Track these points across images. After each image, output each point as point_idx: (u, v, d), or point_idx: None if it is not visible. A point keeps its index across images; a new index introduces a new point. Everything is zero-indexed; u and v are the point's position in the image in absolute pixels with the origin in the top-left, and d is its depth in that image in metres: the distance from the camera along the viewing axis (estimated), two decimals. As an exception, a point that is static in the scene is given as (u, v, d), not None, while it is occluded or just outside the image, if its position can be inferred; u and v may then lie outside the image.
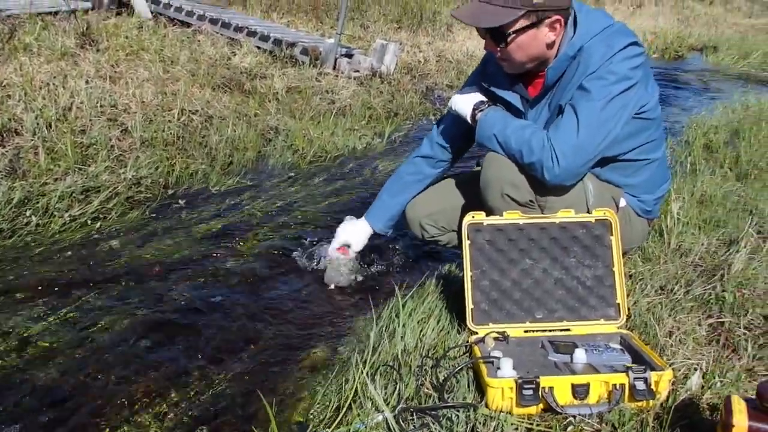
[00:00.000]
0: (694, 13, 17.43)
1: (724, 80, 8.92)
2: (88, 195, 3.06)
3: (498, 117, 2.13)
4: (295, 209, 3.35)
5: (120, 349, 2.04)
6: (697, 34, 12.72)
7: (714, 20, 16.45)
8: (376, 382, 1.79)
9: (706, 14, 17.65)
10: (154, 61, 4.91)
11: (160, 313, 2.28)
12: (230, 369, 1.99)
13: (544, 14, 1.97)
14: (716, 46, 11.57)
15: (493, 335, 1.96)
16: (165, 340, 2.12)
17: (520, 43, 2.01)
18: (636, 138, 2.14)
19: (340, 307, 2.46)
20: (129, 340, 2.09)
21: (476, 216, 2.06)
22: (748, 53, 10.72)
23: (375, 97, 5.69)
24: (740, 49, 11.06)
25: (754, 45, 11.43)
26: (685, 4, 19.10)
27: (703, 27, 14.33)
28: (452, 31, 9.47)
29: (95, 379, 1.89)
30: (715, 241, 2.79)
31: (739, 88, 7.54)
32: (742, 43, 11.73)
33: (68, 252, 2.65)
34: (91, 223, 2.91)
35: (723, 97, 7.01)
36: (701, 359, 1.92)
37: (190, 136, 3.96)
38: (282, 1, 8.90)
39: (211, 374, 1.96)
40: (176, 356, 2.04)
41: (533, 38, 2.01)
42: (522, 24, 1.97)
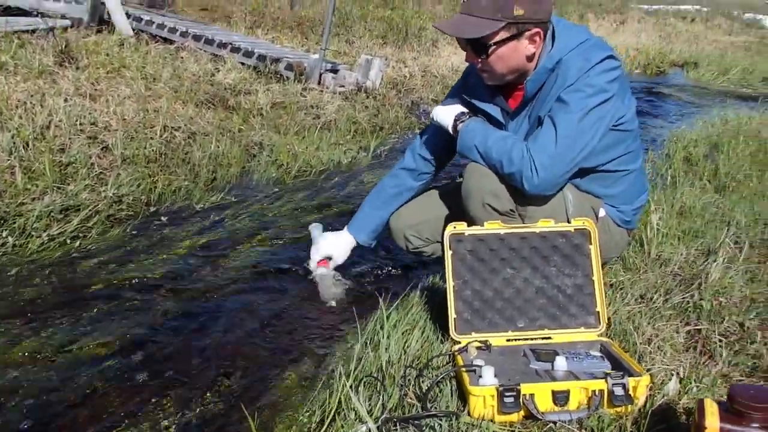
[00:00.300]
0: (676, 30, 17.72)
1: (704, 95, 9.05)
2: (68, 214, 3.03)
3: (479, 128, 2.17)
4: (279, 224, 3.34)
5: (101, 368, 2.02)
6: (678, 51, 12.93)
7: (695, 37, 16.72)
8: (360, 393, 1.80)
9: (687, 31, 17.92)
10: (135, 78, 4.89)
11: (143, 331, 2.26)
12: (213, 384, 1.98)
13: (525, 27, 2.02)
14: (697, 62, 11.76)
15: (475, 344, 1.98)
16: (147, 358, 2.10)
17: (501, 54, 2.05)
18: (614, 149, 2.17)
19: (325, 319, 2.45)
20: (111, 359, 2.07)
21: (457, 226, 2.07)
22: (728, 69, 10.91)
23: (360, 112, 5.70)
24: (720, 66, 11.25)
25: (734, 61, 11.64)
26: (667, 21, 19.40)
27: (685, 43, 14.57)
28: (437, 47, 9.53)
29: (77, 398, 1.87)
30: (694, 251, 2.83)
31: (718, 103, 7.69)
32: (721, 60, 11.93)
33: (46, 271, 2.61)
34: (71, 242, 2.88)
35: (703, 112, 7.13)
36: (679, 365, 1.95)
37: (172, 153, 3.94)
38: (266, 17, 8.94)
39: (194, 390, 1.94)
40: (159, 373, 2.02)
41: (513, 50, 2.05)
42: (503, 36, 2.02)
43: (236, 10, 9.53)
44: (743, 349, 2.09)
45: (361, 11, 10.38)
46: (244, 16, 9.12)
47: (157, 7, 8.54)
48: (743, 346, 2.11)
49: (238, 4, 9.90)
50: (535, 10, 2.01)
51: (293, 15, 9.82)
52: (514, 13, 1.97)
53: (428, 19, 10.70)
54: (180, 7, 9.43)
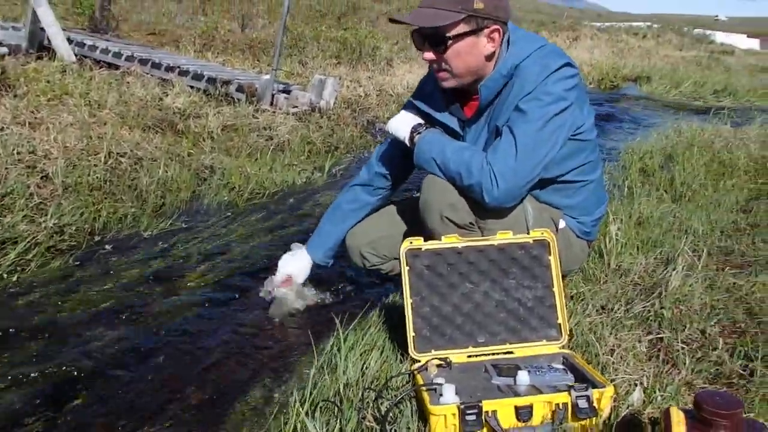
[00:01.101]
0: (628, 45, 18.22)
1: (657, 108, 9.30)
2: (4, 247, 2.86)
3: (436, 139, 2.12)
4: (232, 249, 3.23)
5: (43, 407, 1.90)
6: (631, 65, 13.28)
7: (647, 52, 17.25)
8: (317, 419, 1.73)
9: (639, 47, 18.45)
10: (79, 105, 4.74)
11: (86, 365, 2.14)
12: (164, 418, 1.89)
13: (484, 22, 1.98)
14: (649, 77, 12.08)
15: (435, 362, 1.92)
16: (91, 393, 2.00)
17: (459, 49, 2.00)
18: (573, 159, 2.14)
19: (281, 343, 2.38)
20: (51, 396, 1.96)
21: (414, 242, 2.01)
22: (679, 83, 11.26)
23: (314, 132, 5.63)
24: (672, 79, 11.58)
25: (685, 75, 12.03)
26: (618, 37, 19.93)
27: (637, 58, 15.02)
28: (392, 66, 9.57)
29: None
30: (653, 260, 2.84)
31: (671, 115, 7.91)
32: (673, 74, 12.30)
33: (-17, 308, 2.46)
34: (8, 276, 2.72)
35: (657, 124, 7.29)
36: (642, 375, 1.94)
37: (118, 180, 3.80)
38: (217, 40, 8.84)
39: (147, 421, 1.87)
40: (104, 410, 1.92)
41: (472, 46, 2.00)
42: (462, 29, 1.98)
43: (185, 33, 9.41)
44: (706, 356, 2.09)
45: (314, 32, 10.36)
46: (194, 40, 9.01)
47: (101, 32, 8.37)
48: (705, 353, 2.11)
49: (187, 28, 9.79)
50: (495, 6, 1.98)
51: (244, 37, 9.74)
52: (474, 5, 1.94)
53: (382, 39, 10.74)
54: (126, 32, 9.27)
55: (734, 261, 2.93)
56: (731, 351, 2.10)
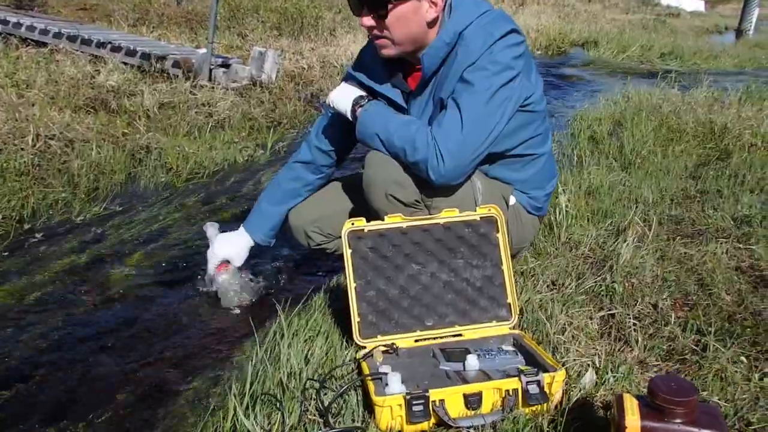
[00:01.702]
0: (575, 10, 18.20)
1: (605, 74, 9.22)
2: (-77, 238, 2.71)
3: (380, 113, 2.02)
4: (169, 233, 3.12)
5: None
6: (578, 30, 13.12)
7: (593, 16, 17.22)
8: (256, 412, 1.65)
9: (586, 11, 18.45)
10: (5, 85, 4.50)
11: (15, 360, 2.05)
12: (100, 411, 1.83)
13: None
14: (596, 41, 11.92)
15: (381, 348, 1.86)
16: (21, 389, 1.92)
17: (400, 14, 1.90)
18: (522, 132, 2.08)
19: (221, 333, 2.28)
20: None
21: (356, 222, 1.93)
22: (626, 47, 11.14)
23: (255, 107, 5.47)
24: (619, 44, 11.45)
25: (632, 39, 11.84)
26: (565, 1, 19.94)
27: (584, 23, 14.90)
28: (335, 36, 9.36)
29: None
30: (604, 231, 2.80)
31: (619, 80, 7.77)
32: (620, 38, 12.13)
33: None
34: (-68, 268, 2.58)
35: (605, 90, 7.17)
36: (594, 354, 1.90)
37: (47, 163, 3.62)
38: (151, 14, 8.52)
39: (78, 418, 1.79)
40: (32, 406, 1.84)
41: (413, 11, 1.91)
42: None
43: (117, 7, 9.03)
44: (658, 332, 2.05)
45: (253, 2, 10.06)
46: (126, 14, 8.66)
47: (26, 8, 7.98)
48: (658, 328, 2.07)
49: (119, 2, 9.40)
50: None
51: (180, 10, 9.41)
52: None
53: (324, 9, 10.52)
54: (54, 8, 8.85)
55: (685, 230, 2.91)
56: (683, 325, 2.08)
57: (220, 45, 6.06)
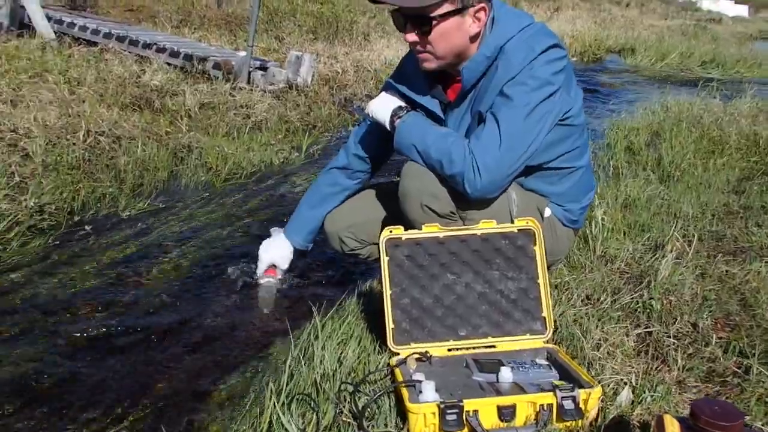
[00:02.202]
0: (611, 15, 17.78)
1: (642, 82, 8.97)
2: (-14, 226, 2.87)
3: (418, 124, 2.03)
4: (209, 231, 3.24)
5: (22, 386, 1.93)
6: (614, 37, 12.72)
7: (630, 22, 16.66)
8: (292, 411, 1.70)
9: (623, 17, 18.00)
10: (58, 82, 4.70)
11: (65, 347, 2.16)
12: (139, 403, 1.91)
13: (469, 1, 1.89)
14: (634, 48, 11.58)
15: (414, 356, 1.87)
16: (70, 375, 2.02)
17: (443, 30, 1.91)
18: (560, 145, 2.07)
19: (258, 331, 2.37)
20: (31, 377, 1.98)
21: (394, 230, 1.95)
22: (665, 54, 10.77)
23: (291, 110, 5.61)
24: (657, 51, 11.09)
25: (671, 46, 11.45)
26: (602, 6, 19.57)
27: (620, 29, 14.47)
28: (369, 41, 9.46)
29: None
30: (641, 246, 2.73)
31: (657, 89, 7.51)
32: (659, 45, 11.73)
33: (-35, 288, 2.48)
34: (-10, 254, 2.74)
35: (642, 99, 6.95)
36: (630, 372, 1.85)
37: (96, 159, 3.79)
38: (193, 15, 8.72)
39: (115, 409, 1.87)
40: (81, 391, 1.94)
41: (457, 27, 1.92)
42: (446, 8, 1.88)
43: (162, 9, 9.26)
44: (697, 353, 2.00)
45: (290, 6, 10.23)
46: (170, 16, 8.87)
47: (79, 9, 8.26)
48: (697, 349, 2.02)
49: (163, 3, 9.63)
50: None
51: (220, 13, 9.61)
52: None
53: (359, 13, 10.64)
54: (104, 8, 9.11)
55: (726, 247, 2.82)
56: (725, 347, 2.01)
57: (257, 48, 6.20)
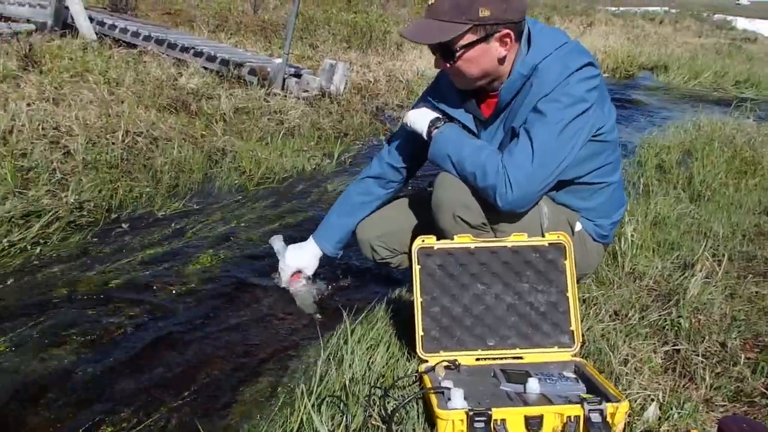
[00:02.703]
0: (644, 32, 17.61)
1: (675, 100, 8.89)
2: (29, 220, 2.96)
3: (454, 136, 2.07)
4: (242, 233, 3.30)
5: (56, 380, 1.98)
6: (647, 53, 12.60)
7: (664, 39, 16.48)
8: (322, 413, 1.73)
9: (656, 33, 17.80)
10: (98, 82, 4.82)
11: (99, 342, 2.21)
12: (170, 400, 1.94)
13: (493, 28, 1.92)
14: (667, 66, 11.48)
15: (443, 364, 1.90)
16: (104, 370, 2.06)
17: (469, 58, 1.96)
18: (593, 161, 2.09)
19: (288, 333, 2.41)
20: (66, 370, 2.03)
21: (426, 240, 1.99)
22: (699, 73, 10.66)
23: (324, 118, 5.68)
24: (691, 69, 10.98)
25: (705, 65, 11.32)
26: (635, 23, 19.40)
27: (653, 46, 14.32)
28: (402, 51, 9.52)
29: (30, 409, 1.83)
30: (670, 264, 2.73)
31: (690, 107, 7.45)
32: (692, 63, 11.61)
33: (7, 279, 2.56)
34: (31, 248, 2.82)
35: (674, 117, 6.92)
36: (657, 389, 1.86)
37: (134, 159, 3.88)
38: (229, 21, 8.86)
39: (150, 405, 1.91)
40: (114, 387, 1.99)
41: (483, 53, 1.96)
42: (470, 39, 1.92)
43: (199, 13, 9.42)
44: (725, 372, 2.00)
45: (325, 15, 10.35)
46: (207, 20, 9.02)
47: (120, 11, 8.45)
48: (725, 368, 2.02)
49: (201, 8, 9.79)
50: (504, 10, 1.90)
51: (256, 19, 9.75)
52: (479, 14, 1.88)
53: (393, 23, 10.71)
54: (143, 11, 9.30)
55: (757, 268, 2.82)
56: (753, 367, 2.02)
57: (292, 55, 6.28)
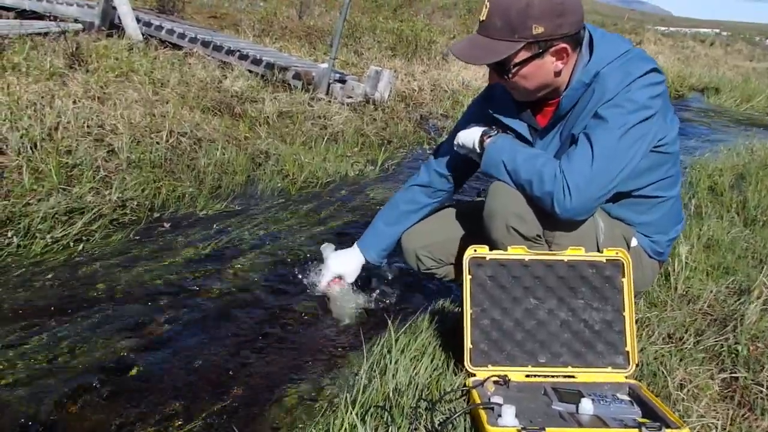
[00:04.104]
0: (694, 53, 17.41)
1: (726, 122, 8.74)
2: (72, 216, 2.96)
3: (508, 144, 2.01)
4: (284, 236, 3.26)
5: (97, 377, 1.95)
6: (698, 75, 12.46)
7: (714, 61, 16.35)
8: (367, 423, 1.67)
9: (706, 55, 17.61)
10: (143, 82, 4.84)
11: (140, 341, 2.18)
12: (210, 404, 1.90)
13: (548, 44, 1.85)
14: (718, 88, 11.29)
15: (493, 379, 1.84)
16: (143, 370, 2.03)
17: (525, 74, 1.90)
18: (653, 173, 2.01)
19: (328, 339, 2.36)
20: (106, 368, 2.00)
21: (478, 249, 1.92)
22: (751, 96, 10.50)
23: (368, 124, 5.64)
24: (743, 92, 10.80)
25: (758, 89, 11.13)
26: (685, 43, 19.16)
27: (704, 68, 14.19)
28: (447, 61, 9.47)
29: (71, 407, 1.81)
30: (725, 288, 2.66)
31: (742, 131, 7.36)
32: (745, 86, 11.41)
33: (50, 275, 2.54)
34: (74, 245, 2.81)
35: (726, 140, 6.80)
36: (715, 417, 1.79)
37: (178, 159, 3.87)
38: (275, 25, 8.90)
39: (191, 407, 1.87)
40: (154, 388, 1.95)
41: (539, 68, 1.90)
42: (524, 56, 1.86)
43: (244, 17, 9.49)
44: None
45: (371, 22, 10.35)
46: (253, 24, 9.08)
47: (167, 13, 8.55)
48: None
49: (247, 12, 9.87)
50: (559, 25, 1.83)
51: (301, 24, 9.79)
52: (533, 32, 1.81)
53: (438, 33, 10.68)
54: (189, 14, 9.40)
55: None
56: None
57: (337, 61, 6.26)
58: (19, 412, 1.75)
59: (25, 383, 1.88)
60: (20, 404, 1.79)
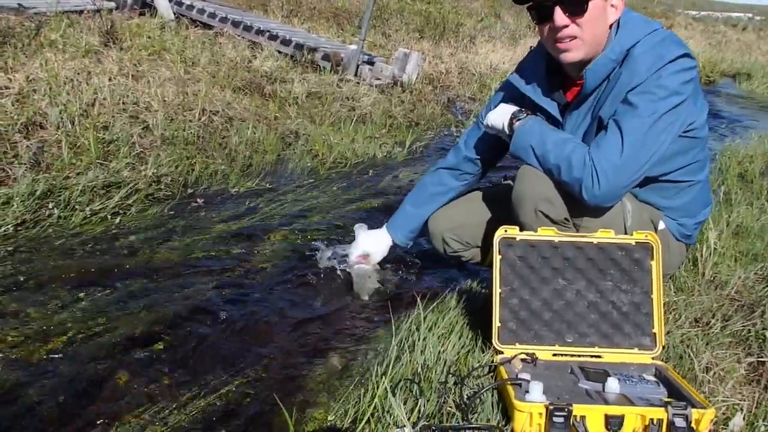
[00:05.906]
0: (726, 38, 17.04)
1: (758, 109, 8.61)
2: (109, 190, 3.05)
3: (537, 127, 2.00)
4: (313, 214, 3.31)
5: (133, 345, 2.01)
6: (729, 60, 12.21)
7: (747, 47, 15.97)
8: (397, 395, 1.71)
9: (738, 40, 17.21)
10: (175, 61, 4.91)
11: (176, 311, 2.24)
12: (246, 372, 1.96)
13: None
14: (750, 74, 11.10)
15: (520, 356, 1.86)
16: (179, 340, 2.08)
17: (594, 14, 1.86)
18: (681, 158, 2.00)
19: (358, 314, 2.41)
20: (143, 337, 2.06)
21: (509, 230, 1.93)
22: None
23: (396, 106, 5.67)
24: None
25: None
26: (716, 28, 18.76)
27: (736, 53, 13.88)
28: (475, 44, 9.43)
29: (108, 374, 1.86)
30: (753, 275, 2.65)
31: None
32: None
33: (88, 245, 2.63)
34: (111, 218, 2.90)
35: (758, 127, 6.70)
36: (742, 399, 1.79)
37: (210, 137, 3.94)
38: (303, 6, 8.91)
39: (226, 377, 1.92)
40: (191, 357, 2.00)
41: (601, 11, 1.87)
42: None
43: (274, -2, 9.52)
44: None
45: (399, 4, 10.32)
46: (281, 4, 9.10)
47: (197, -8, 8.58)
48: None
49: (276, -8, 9.90)
50: None
51: (330, 5, 9.79)
52: None
53: (466, 15, 10.62)
54: (219, -6, 9.45)
55: None
56: None
57: (365, 42, 6.28)
58: (62, 375, 1.82)
59: (64, 350, 1.94)
60: (62, 368, 1.85)
